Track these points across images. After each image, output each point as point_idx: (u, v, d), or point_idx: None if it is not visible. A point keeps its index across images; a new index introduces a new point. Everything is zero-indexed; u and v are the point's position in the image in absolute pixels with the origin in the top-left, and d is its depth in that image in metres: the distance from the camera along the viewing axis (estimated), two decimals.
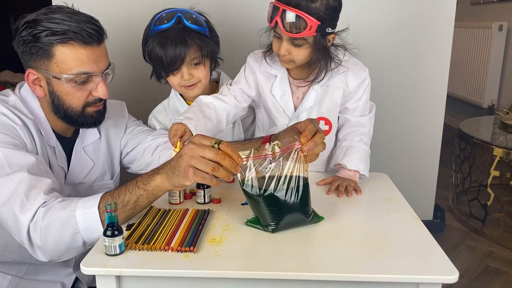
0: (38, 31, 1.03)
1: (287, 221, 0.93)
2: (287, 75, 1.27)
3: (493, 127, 2.64)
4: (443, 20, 1.99)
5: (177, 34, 1.24)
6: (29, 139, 1.08)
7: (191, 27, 1.26)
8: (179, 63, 1.26)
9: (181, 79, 1.30)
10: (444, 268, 0.81)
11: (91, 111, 1.14)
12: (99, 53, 1.09)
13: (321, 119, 1.27)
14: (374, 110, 1.34)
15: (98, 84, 1.10)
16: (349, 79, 1.25)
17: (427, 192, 2.23)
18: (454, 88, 3.84)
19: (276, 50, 1.18)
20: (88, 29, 1.05)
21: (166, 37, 1.25)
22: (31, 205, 0.95)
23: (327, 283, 0.82)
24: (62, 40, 1.04)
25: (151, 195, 0.97)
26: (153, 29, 1.28)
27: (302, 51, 1.15)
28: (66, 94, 1.09)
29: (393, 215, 1.03)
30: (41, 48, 1.04)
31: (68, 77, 1.06)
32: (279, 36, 1.15)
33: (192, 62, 1.28)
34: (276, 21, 1.10)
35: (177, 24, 1.26)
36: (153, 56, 1.28)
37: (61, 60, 1.05)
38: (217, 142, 0.91)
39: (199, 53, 1.27)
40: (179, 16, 1.26)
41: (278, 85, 1.27)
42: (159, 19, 1.28)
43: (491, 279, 1.94)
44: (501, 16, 3.45)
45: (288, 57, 1.16)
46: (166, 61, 1.26)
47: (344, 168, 1.24)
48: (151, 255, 0.85)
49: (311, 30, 1.09)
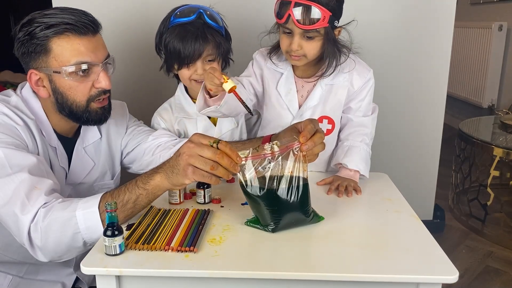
0: (33, 27, 1.04)
1: (287, 221, 0.93)
2: (292, 73, 1.28)
3: (493, 127, 2.64)
4: (443, 20, 1.99)
5: (197, 29, 1.26)
6: (31, 140, 1.08)
7: (211, 24, 1.28)
8: (196, 58, 1.28)
9: (194, 73, 1.31)
10: (444, 268, 0.81)
11: (95, 107, 1.14)
12: (96, 43, 1.09)
13: (325, 118, 1.28)
14: (376, 111, 1.35)
15: (99, 74, 1.10)
16: (354, 78, 1.26)
17: (427, 192, 2.23)
18: (454, 88, 3.84)
19: (285, 47, 1.18)
20: (82, 20, 1.06)
21: (186, 30, 1.26)
22: (32, 205, 0.95)
23: (327, 283, 0.83)
24: (57, 32, 1.04)
25: (151, 194, 0.97)
26: (172, 21, 1.29)
27: (314, 44, 1.15)
28: (69, 89, 1.09)
29: (393, 215, 1.03)
30: (38, 44, 1.05)
31: (67, 69, 1.06)
32: (290, 32, 1.15)
33: (208, 58, 1.29)
34: (288, 16, 1.11)
35: (198, 19, 1.27)
36: (170, 47, 1.28)
37: (58, 53, 1.05)
38: (215, 142, 0.91)
39: (216, 50, 1.29)
40: (200, 12, 1.27)
41: (284, 83, 1.28)
42: (181, 12, 1.29)
43: (491, 279, 1.94)
44: (501, 16, 3.45)
45: (300, 52, 1.16)
46: (184, 54, 1.26)
47: (344, 168, 1.24)
48: (151, 255, 0.85)
49: (324, 21, 1.10)
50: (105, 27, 1.13)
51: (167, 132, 1.35)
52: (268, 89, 1.30)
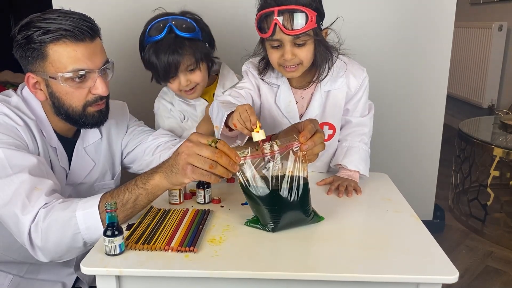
0: (31, 32, 1.03)
1: (287, 221, 0.93)
2: (288, 85, 1.24)
3: (493, 127, 2.64)
4: (443, 20, 1.99)
5: (169, 46, 1.26)
6: (31, 140, 1.08)
7: (182, 35, 1.28)
8: (173, 72, 1.29)
9: (179, 85, 1.33)
10: (444, 268, 0.81)
11: (92, 111, 1.13)
12: (93, 49, 1.08)
13: (325, 124, 1.27)
14: (373, 109, 1.34)
15: (96, 81, 1.09)
16: (350, 81, 1.25)
17: (427, 192, 2.23)
18: (454, 88, 3.84)
19: (277, 60, 1.13)
20: (80, 26, 1.04)
21: (158, 48, 1.27)
22: (32, 206, 0.96)
23: (327, 283, 0.83)
24: (54, 38, 1.03)
25: (150, 194, 0.97)
26: (146, 40, 1.30)
27: (306, 49, 1.11)
28: (65, 94, 1.09)
29: (393, 215, 1.03)
30: (35, 49, 1.04)
31: (64, 76, 1.05)
32: (278, 45, 1.11)
33: (188, 68, 1.30)
34: (274, 25, 1.06)
35: (169, 33, 1.27)
36: (149, 65, 1.31)
37: (55, 59, 1.04)
38: (214, 141, 0.91)
39: (193, 59, 1.29)
40: (169, 26, 1.27)
41: (282, 96, 1.25)
42: (151, 29, 1.29)
43: (491, 279, 1.94)
44: (501, 16, 3.44)
45: (295, 61, 1.12)
46: (161, 71, 1.29)
47: (344, 168, 1.24)
48: (151, 255, 0.85)
49: (312, 22, 1.07)
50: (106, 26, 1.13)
51: (167, 132, 1.36)
52: (267, 103, 1.27)
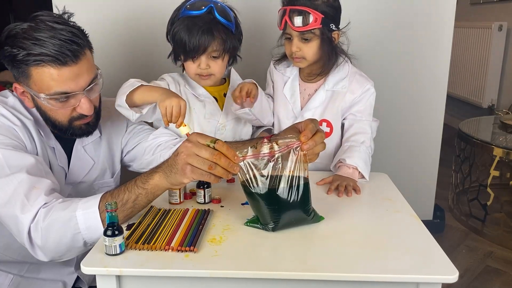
0: (15, 50, 1.01)
1: (288, 220, 0.93)
2: (298, 76, 1.40)
3: (493, 127, 2.64)
4: (443, 20, 1.99)
5: (205, 24, 1.25)
6: (29, 140, 1.08)
7: (220, 19, 1.27)
8: (200, 52, 1.27)
9: (198, 67, 1.31)
10: (444, 268, 0.81)
11: (79, 124, 1.12)
12: (77, 71, 1.04)
13: (324, 121, 1.36)
14: (377, 124, 1.42)
15: (81, 100, 1.08)
16: (353, 86, 1.35)
17: (427, 192, 2.23)
18: (454, 88, 3.84)
19: (288, 51, 1.32)
20: (64, 50, 1.01)
21: (194, 24, 1.25)
22: (32, 205, 0.96)
23: (327, 283, 0.83)
24: (36, 62, 1.01)
25: (150, 194, 0.97)
26: (183, 12, 1.28)
27: (310, 45, 1.28)
28: (49, 110, 1.08)
29: (393, 215, 1.03)
30: (19, 67, 1.03)
31: (46, 97, 1.04)
32: (290, 37, 1.29)
33: (213, 54, 1.29)
34: (285, 21, 1.26)
35: (208, 13, 1.26)
36: (177, 38, 1.28)
37: (38, 80, 1.03)
38: (213, 141, 0.91)
39: (222, 46, 1.28)
40: (211, 7, 1.26)
41: (290, 85, 1.41)
42: (192, 4, 1.28)
43: (491, 279, 1.94)
44: (501, 16, 3.44)
45: (299, 54, 1.29)
46: (189, 47, 1.26)
47: (343, 166, 1.25)
48: (151, 255, 0.85)
49: (316, 22, 1.24)
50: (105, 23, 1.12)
51: (167, 131, 1.35)
52: (276, 92, 1.43)
